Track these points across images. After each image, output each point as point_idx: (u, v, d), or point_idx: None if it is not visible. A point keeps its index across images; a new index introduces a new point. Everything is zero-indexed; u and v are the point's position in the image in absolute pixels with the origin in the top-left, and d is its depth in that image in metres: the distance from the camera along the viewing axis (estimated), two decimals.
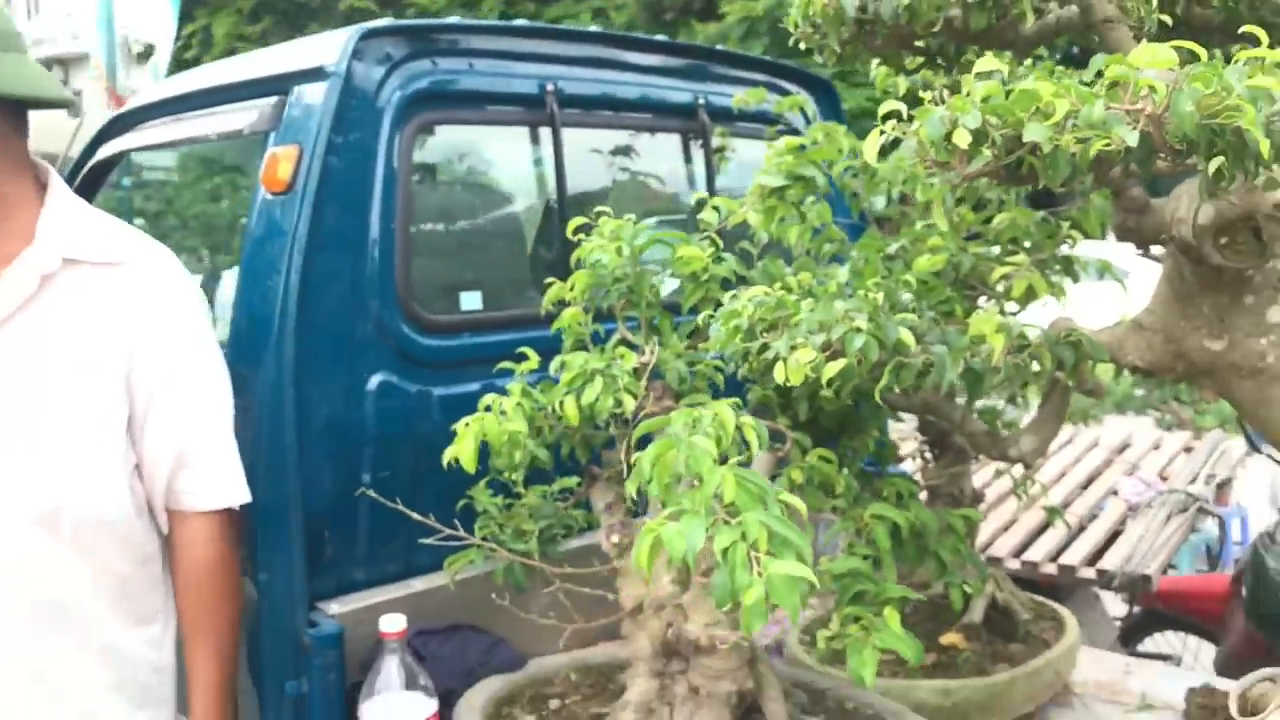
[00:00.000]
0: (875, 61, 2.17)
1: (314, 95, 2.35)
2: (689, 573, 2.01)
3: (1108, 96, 1.27)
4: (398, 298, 2.45)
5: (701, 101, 3.05)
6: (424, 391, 2.51)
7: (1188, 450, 4.98)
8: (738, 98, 2.86)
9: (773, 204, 1.95)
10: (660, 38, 3.14)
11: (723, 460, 1.56)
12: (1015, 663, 2.53)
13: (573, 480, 2.46)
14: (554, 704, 2.33)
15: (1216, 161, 1.27)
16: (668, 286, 2.30)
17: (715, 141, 3.05)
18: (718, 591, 1.44)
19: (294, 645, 2.30)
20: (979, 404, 2.29)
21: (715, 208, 2.01)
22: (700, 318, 2.07)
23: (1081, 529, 4.05)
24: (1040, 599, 2.86)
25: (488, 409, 2.04)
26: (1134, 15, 1.75)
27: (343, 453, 2.40)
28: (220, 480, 1.98)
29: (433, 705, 2.14)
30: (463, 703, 2.24)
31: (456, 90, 2.58)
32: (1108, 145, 1.24)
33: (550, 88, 2.70)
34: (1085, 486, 4.52)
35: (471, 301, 2.64)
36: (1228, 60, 1.39)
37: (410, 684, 2.14)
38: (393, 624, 2.11)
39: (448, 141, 2.63)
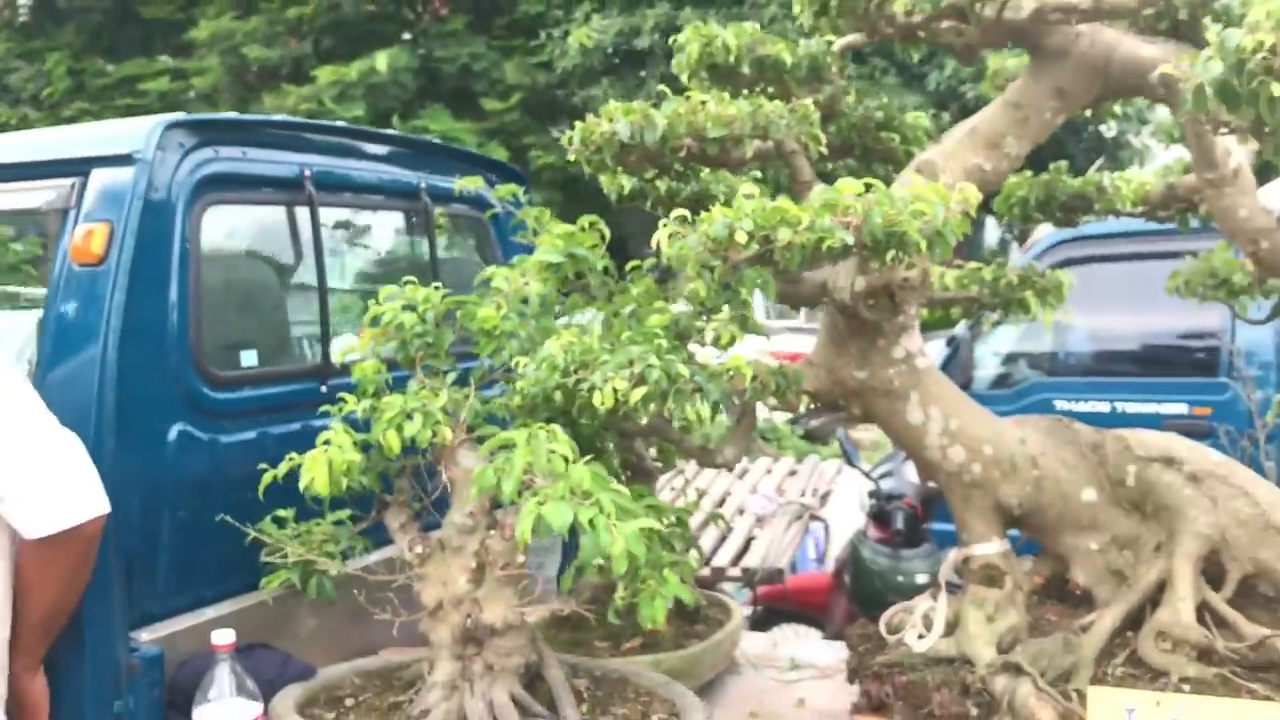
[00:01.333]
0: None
1: (121, 178, 2.65)
2: (483, 572, 2.54)
3: (827, 211, 1.98)
4: (192, 357, 2.78)
5: (424, 185, 3.57)
6: (213, 439, 2.84)
7: (793, 472, 6.02)
8: (458, 183, 3.41)
9: (548, 276, 2.53)
10: (393, 131, 3.63)
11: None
12: (702, 639, 3.24)
13: (345, 513, 2.89)
14: (349, 702, 2.74)
15: (890, 253, 2.01)
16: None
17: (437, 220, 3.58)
18: (587, 551, 1.99)
19: (116, 669, 2.56)
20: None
21: (505, 278, 2.55)
22: (493, 364, 2.60)
23: (723, 538, 4.88)
24: (709, 591, 3.62)
25: (326, 443, 2.44)
26: (806, 148, 2.51)
27: (151, 497, 2.69)
28: (33, 512, 2.29)
29: (258, 708, 2.51)
30: (275, 706, 2.60)
31: (234, 175, 2.95)
32: (831, 244, 1.94)
33: (308, 173, 3.12)
34: (720, 505, 5.38)
35: (250, 358, 2.99)
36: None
37: (239, 690, 2.49)
38: (224, 637, 2.46)
39: (227, 219, 2.97)
